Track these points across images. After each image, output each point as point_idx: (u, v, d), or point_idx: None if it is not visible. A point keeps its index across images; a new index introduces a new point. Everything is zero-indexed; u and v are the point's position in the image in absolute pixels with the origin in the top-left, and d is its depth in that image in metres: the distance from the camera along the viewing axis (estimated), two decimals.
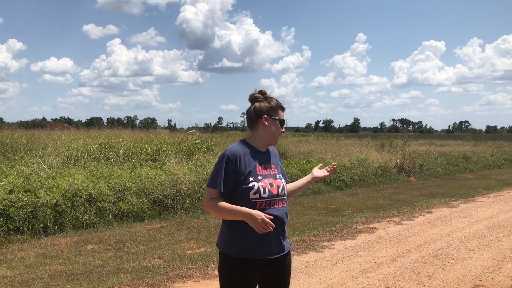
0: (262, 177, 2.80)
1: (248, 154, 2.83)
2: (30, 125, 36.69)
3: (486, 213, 10.12)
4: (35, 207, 7.79)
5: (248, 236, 2.72)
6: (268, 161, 2.92)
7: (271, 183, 2.81)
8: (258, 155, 2.87)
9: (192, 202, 10.11)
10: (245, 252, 2.72)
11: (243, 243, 2.73)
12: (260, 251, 2.73)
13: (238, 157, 2.76)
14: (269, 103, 2.91)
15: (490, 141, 35.29)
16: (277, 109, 2.92)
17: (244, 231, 2.72)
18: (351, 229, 8.38)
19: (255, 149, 2.88)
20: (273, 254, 2.78)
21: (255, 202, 2.73)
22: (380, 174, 16.46)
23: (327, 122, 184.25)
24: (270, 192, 2.77)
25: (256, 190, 2.73)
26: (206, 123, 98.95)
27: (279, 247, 2.82)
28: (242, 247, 2.72)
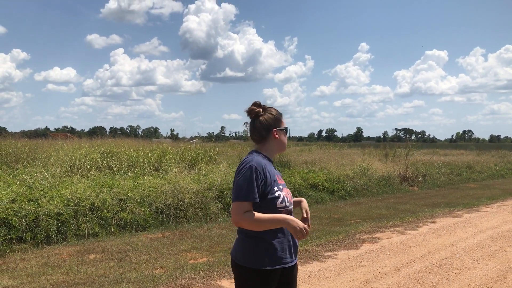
0: (282, 186, 2.87)
1: (268, 164, 2.87)
2: (33, 134, 36.80)
3: (490, 223, 10.06)
4: (37, 216, 7.78)
5: (274, 247, 2.75)
6: (278, 172, 2.98)
7: (289, 193, 2.91)
8: (272, 165, 2.93)
9: (195, 212, 10.09)
10: (271, 263, 2.73)
11: (269, 254, 2.74)
12: (283, 260, 2.77)
13: (264, 168, 2.78)
14: (272, 115, 2.95)
15: (493, 150, 35.18)
16: (280, 118, 2.97)
17: (270, 242, 2.75)
18: (354, 239, 8.34)
19: (269, 160, 2.93)
20: (291, 261, 2.84)
21: (281, 211, 2.78)
22: (383, 183, 16.41)
23: (330, 131, 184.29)
24: (289, 201, 2.86)
25: (282, 200, 2.79)
26: (209, 133, 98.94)
27: (295, 254, 2.88)
28: (269, 259, 2.73)
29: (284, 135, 2.98)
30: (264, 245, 2.75)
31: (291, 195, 2.93)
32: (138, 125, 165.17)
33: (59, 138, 21.70)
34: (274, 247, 2.75)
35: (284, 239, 2.79)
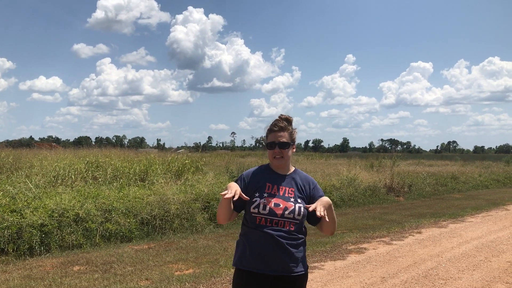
0: (269, 195, 2.94)
1: (262, 174, 3.04)
2: (17, 144, 36.32)
3: (475, 233, 10.14)
4: (20, 227, 7.66)
5: (247, 249, 2.91)
6: (285, 184, 3.02)
7: (277, 203, 2.91)
8: (273, 176, 3.03)
9: (181, 223, 10.01)
10: (243, 264, 2.91)
11: (243, 255, 2.93)
12: (255, 265, 2.87)
13: (250, 176, 3.03)
14: (267, 128, 3.09)
15: (478, 161, 35.58)
16: (267, 134, 3.07)
17: (244, 244, 2.94)
18: (341, 250, 8.33)
19: (272, 171, 3.06)
20: (269, 271, 2.87)
21: (255, 217, 2.90)
22: (369, 194, 16.47)
23: (316, 142, 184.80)
24: (272, 210, 2.88)
25: (256, 205, 2.90)
26: (196, 143, 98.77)
27: (280, 266, 2.88)
28: (242, 259, 2.93)
29: (268, 149, 3.03)
30: (241, 246, 2.97)
31: (287, 207, 2.91)
32: (124, 135, 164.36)
33: (43, 148, 21.46)
34: (247, 250, 2.91)
35: (257, 247, 2.88)
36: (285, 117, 3.06)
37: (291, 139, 3.04)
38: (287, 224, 2.89)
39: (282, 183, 3.01)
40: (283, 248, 2.87)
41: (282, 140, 2.99)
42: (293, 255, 2.91)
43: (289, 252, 2.89)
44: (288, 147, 3.01)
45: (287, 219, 2.89)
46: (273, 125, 3.04)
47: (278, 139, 2.99)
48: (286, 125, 3.03)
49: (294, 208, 2.92)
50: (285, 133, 3.01)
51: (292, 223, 2.91)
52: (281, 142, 2.99)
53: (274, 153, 3.00)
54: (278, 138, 2.99)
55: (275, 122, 3.04)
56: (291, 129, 3.06)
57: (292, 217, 2.90)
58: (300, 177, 3.09)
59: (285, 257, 2.87)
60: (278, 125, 3.02)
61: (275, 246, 2.85)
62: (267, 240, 2.86)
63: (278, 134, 3.00)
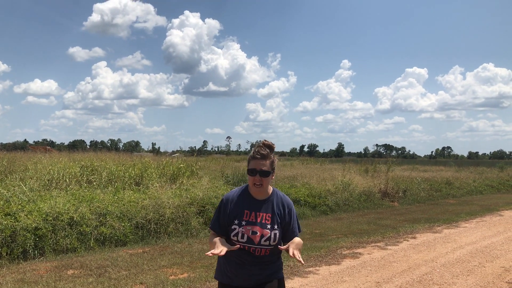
0: (246, 223, 3.06)
1: (240, 199, 3.13)
2: (11, 147, 36.15)
3: (469, 239, 10.17)
4: (14, 231, 7.62)
5: (225, 266, 3.14)
6: (261, 210, 3.12)
7: (255, 231, 3.04)
8: (251, 202, 3.12)
9: (176, 227, 9.99)
10: (221, 277, 3.17)
11: (223, 272, 3.16)
12: (234, 280, 3.10)
13: (230, 201, 3.13)
14: (249, 155, 3.14)
15: (472, 167, 35.69)
16: (250, 160, 3.11)
17: (224, 262, 3.16)
18: (335, 254, 8.34)
19: (250, 196, 3.14)
20: (246, 285, 3.08)
21: (234, 243, 3.05)
22: (364, 199, 16.50)
23: (311, 146, 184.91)
24: (250, 239, 3.03)
25: (235, 234, 3.05)
26: (191, 147, 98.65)
27: (254, 281, 3.07)
28: (223, 275, 3.16)
29: (249, 175, 3.09)
30: (221, 263, 3.19)
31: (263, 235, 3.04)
32: (119, 139, 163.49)
33: (38, 151, 21.36)
34: (225, 266, 3.13)
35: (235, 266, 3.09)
36: (268, 143, 3.11)
37: (271, 167, 3.10)
38: (263, 251, 3.06)
39: (259, 209, 3.11)
40: (257, 268, 3.07)
41: (263, 168, 3.04)
42: (266, 271, 3.10)
43: (263, 270, 3.09)
44: (268, 175, 3.07)
45: (263, 246, 3.04)
46: (255, 152, 3.08)
47: (260, 167, 3.04)
48: (268, 153, 3.08)
49: (270, 235, 3.05)
50: (267, 162, 3.06)
51: (268, 249, 3.06)
52: (262, 171, 3.04)
53: (255, 180, 3.05)
54: (260, 166, 3.04)
55: (257, 149, 3.08)
56: (273, 158, 3.12)
57: (268, 244, 3.04)
58: (277, 200, 3.18)
59: (259, 275, 3.08)
60: (260, 152, 3.06)
61: (249, 267, 3.06)
62: (244, 262, 3.06)
63: (260, 162, 3.05)
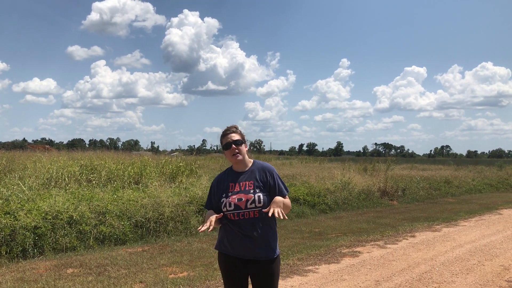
0: (232, 193, 3.48)
1: (225, 177, 3.60)
2: (10, 146, 36.12)
3: (468, 237, 10.18)
4: (14, 229, 7.62)
5: (224, 237, 3.54)
6: (244, 179, 3.54)
7: (240, 198, 3.44)
8: (234, 176, 3.57)
9: (175, 226, 9.99)
10: (221, 248, 3.56)
11: (222, 242, 3.55)
12: (229, 249, 3.49)
13: (217, 182, 3.62)
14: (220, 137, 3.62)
15: (471, 165, 35.73)
16: (221, 139, 3.61)
17: (223, 235, 3.55)
18: (335, 253, 8.35)
19: (233, 171, 3.61)
20: (245, 256, 3.44)
21: (227, 214, 3.45)
22: (363, 197, 16.51)
23: (310, 145, 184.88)
24: (236, 205, 3.42)
25: (224, 205, 3.46)
26: (190, 146, 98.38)
27: (250, 252, 3.43)
28: (221, 244, 3.57)
29: (226, 151, 3.57)
30: (220, 234, 3.60)
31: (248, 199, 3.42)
32: (118, 138, 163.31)
33: (37, 150, 21.36)
34: (224, 237, 3.53)
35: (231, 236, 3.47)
36: (232, 125, 3.64)
37: (242, 137, 3.59)
38: (251, 213, 3.42)
39: (242, 179, 3.53)
40: (248, 237, 3.41)
41: (234, 138, 3.53)
42: (258, 241, 3.43)
43: (255, 240, 3.42)
44: (241, 144, 3.55)
45: (250, 209, 3.41)
46: (224, 130, 3.60)
47: (231, 138, 3.53)
48: (236, 129, 3.60)
49: (254, 198, 3.42)
50: (236, 134, 3.57)
51: (256, 211, 3.42)
52: (234, 140, 3.52)
53: (232, 151, 3.51)
54: (231, 138, 3.54)
55: (226, 129, 3.60)
56: (240, 132, 3.62)
57: (254, 206, 3.41)
58: (258, 168, 3.60)
59: (251, 244, 3.41)
60: (229, 129, 3.59)
61: (242, 236, 3.42)
62: (237, 232, 3.43)
63: (230, 135, 3.56)
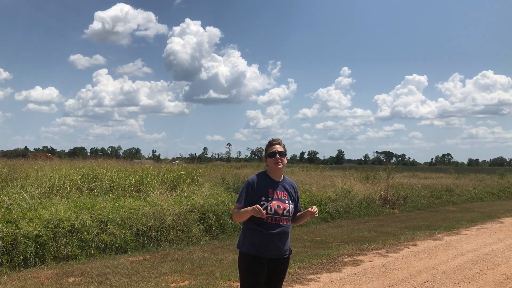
0: (272, 199, 3.92)
1: (263, 181, 4.00)
2: (12, 154, 36.19)
3: (470, 246, 10.16)
4: (15, 238, 7.63)
5: (256, 240, 3.87)
6: (280, 189, 4.03)
7: (278, 205, 3.92)
8: (272, 183, 4.02)
9: (177, 234, 9.99)
10: (252, 250, 3.86)
11: (252, 243, 3.88)
12: (263, 251, 3.85)
13: (255, 183, 3.97)
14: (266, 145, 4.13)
15: (472, 174, 35.67)
16: (266, 148, 4.12)
17: (253, 237, 3.88)
18: (337, 262, 8.34)
19: (270, 178, 4.05)
20: (273, 255, 3.90)
21: (267, 216, 3.84)
22: (365, 206, 16.50)
23: (312, 153, 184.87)
24: (276, 211, 3.89)
25: (265, 207, 3.86)
26: (191, 154, 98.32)
27: (278, 252, 3.93)
28: (251, 247, 3.87)
29: (270, 158, 4.05)
30: (250, 237, 3.89)
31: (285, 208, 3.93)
32: (120, 146, 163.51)
33: (39, 159, 21.36)
34: (255, 239, 3.86)
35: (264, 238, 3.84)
36: (278, 138, 4.13)
37: (285, 151, 4.10)
38: (285, 220, 3.94)
39: (280, 188, 4.03)
40: (279, 239, 3.90)
41: (280, 149, 4.05)
42: (286, 243, 3.98)
43: (284, 241, 3.94)
44: (285, 156, 4.07)
45: (285, 216, 3.94)
46: (272, 140, 4.11)
47: (277, 149, 4.04)
48: (281, 141, 4.12)
49: (289, 208, 3.97)
50: (281, 146, 4.09)
51: (288, 219, 3.98)
52: (280, 151, 4.04)
53: (276, 160, 4.00)
54: (277, 149, 4.05)
55: (272, 139, 4.11)
56: (284, 145, 4.13)
57: (288, 215, 3.96)
58: (287, 183, 4.13)
59: (281, 245, 3.92)
60: (276, 140, 4.11)
61: (273, 238, 3.86)
62: (268, 234, 3.84)
63: (276, 146, 4.08)
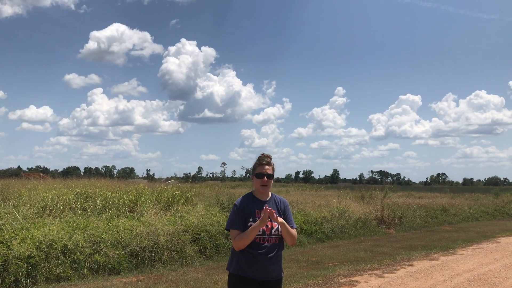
0: (259, 219, 3.69)
1: (250, 202, 3.84)
2: (5, 174, 35.93)
3: (466, 266, 10.10)
4: (6, 259, 7.51)
5: (243, 261, 3.73)
6: None
7: (266, 225, 3.72)
8: (258, 203, 3.84)
9: (171, 255, 9.88)
10: (238, 271, 3.75)
11: (239, 265, 3.75)
12: (250, 272, 3.71)
13: (242, 205, 3.82)
14: (256, 162, 3.91)
15: (467, 193, 35.70)
16: (255, 166, 3.91)
17: (240, 257, 3.75)
18: (332, 283, 8.25)
19: (256, 199, 3.88)
20: (261, 277, 3.72)
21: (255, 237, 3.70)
22: (360, 226, 16.42)
23: (307, 173, 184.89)
24: (263, 230, 3.72)
25: None
26: (186, 173, 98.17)
27: (267, 274, 3.73)
28: (238, 267, 3.75)
29: (257, 179, 3.86)
30: (237, 258, 3.77)
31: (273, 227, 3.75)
32: (114, 165, 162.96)
33: (32, 178, 21.21)
34: (243, 261, 3.72)
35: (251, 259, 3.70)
36: (268, 155, 3.93)
37: (273, 172, 3.92)
38: (274, 240, 3.78)
39: None
40: (268, 260, 3.73)
41: (269, 172, 3.86)
42: (275, 265, 3.78)
43: (272, 263, 3.75)
44: (272, 178, 3.90)
45: (274, 235, 3.78)
46: (261, 159, 3.89)
47: (266, 171, 3.85)
48: (270, 161, 3.91)
49: (278, 226, 3.78)
50: (270, 167, 3.89)
51: (277, 238, 3.80)
52: (268, 174, 3.85)
53: (262, 182, 3.84)
54: (266, 170, 3.85)
55: (262, 157, 3.90)
56: (273, 165, 3.93)
57: (277, 234, 3.79)
58: (276, 200, 3.96)
59: (269, 267, 3.73)
60: (266, 160, 3.89)
61: (262, 259, 3.70)
62: (257, 255, 3.70)
63: (265, 167, 3.86)
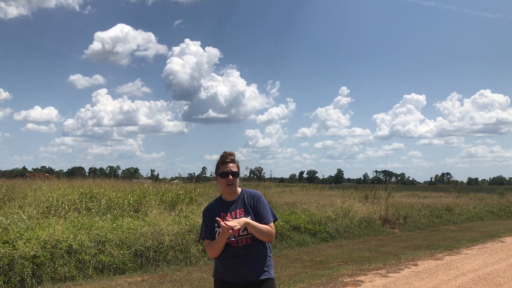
0: None
1: (216, 207, 3.65)
2: (10, 174, 36.07)
3: (471, 266, 10.08)
4: (12, 259, 7.55)
5: (219, 265, 3.59)
6: (234, 208, 3.61)
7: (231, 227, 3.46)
8: (225, 205, 3.63)
9: (175, 254, 9.90)
10: (217, 275, 3.63)
11: (217, 269, 3.63)
12: (227, 276, 3.55)
13: (208, 211, 3.65)
14: (218, 161, 3.69)
15: (472, 193, 35.56)
16: (219, 166, 3.67)
17: (218, 262, 3.61)
18: (337, 282, 8.25)
19: (223, 201, 3.67)
20: (236, 279, 3.52)
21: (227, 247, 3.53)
22: (365, 225, 16.40)
23: (311, 172, 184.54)
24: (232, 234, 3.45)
25: (217, 234, 3.50)
26: (190, 173, 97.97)
27: (247, 275, 3.50)
28: (218, 272, 3.63)
29: (221, 178, 3.62)
30: (216, 264, 3.64)
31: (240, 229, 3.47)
32: (118, 166, 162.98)
33: (37, 178, 21.29)
34: (219, 266, 3.59)
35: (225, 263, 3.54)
36: (230, 152, 3.70)
37: (238, 169, 3.68)
38: (244, 241, 3.51)
39: (233, 208, 3.60)
40: (242, 262, 3.50)
41: (233, 169, 3.62)
42: (252, 266, 3.52)
43: (248, 264, 3.51)
44: (237, 176, 3.65)
45: (242, 236, 3.50)
46: (224, 157, 3.66)
47: (230, 169, 3.61)
48: (234, 158, 3.68)
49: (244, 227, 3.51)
50: (235, 165, 3.66)
51: (248, 238, 3.52)
52: (233, 171, 3.62)
53: (227, 181, 3.59)
54: (230, 168, 3.61)
55: (225, 155, 3.67)
56: (237, 162, 3.70)
57: (246, 234, 3.50)
58: (246, 196, 3.67)
59: (245, 268, 3.50)
60: (229, 157, 3.66)
61: (237, 262, 3.50)
62: (231, 258, 3.52)
63: (229, 165, 3.63)
